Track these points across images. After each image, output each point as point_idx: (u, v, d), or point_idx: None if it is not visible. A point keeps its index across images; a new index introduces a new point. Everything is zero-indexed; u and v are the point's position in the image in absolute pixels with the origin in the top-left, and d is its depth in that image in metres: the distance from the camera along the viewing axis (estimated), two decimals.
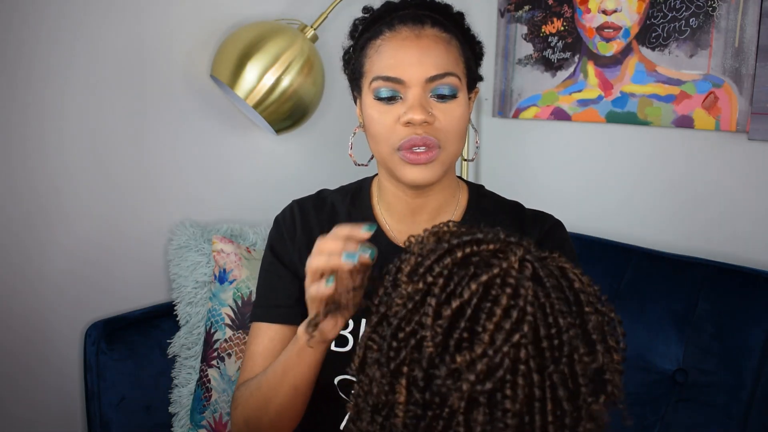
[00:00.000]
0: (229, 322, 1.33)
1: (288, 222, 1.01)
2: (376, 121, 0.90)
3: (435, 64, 0.87)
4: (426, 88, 0.87)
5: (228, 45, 1.38)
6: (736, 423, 1.15)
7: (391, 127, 0.88)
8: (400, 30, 0.89)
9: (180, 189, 1.47)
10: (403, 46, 0.88)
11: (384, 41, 0.90)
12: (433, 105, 0.88)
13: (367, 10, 0.97)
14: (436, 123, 0.88)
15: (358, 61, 0.94)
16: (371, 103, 0.90)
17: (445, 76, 0.87)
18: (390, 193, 0.97)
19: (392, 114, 0.88)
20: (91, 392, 1.32)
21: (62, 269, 1.32)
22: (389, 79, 0.87)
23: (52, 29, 1.25)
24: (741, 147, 1.35)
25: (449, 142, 0.89)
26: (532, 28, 1.67)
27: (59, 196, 1.30)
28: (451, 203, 0.99)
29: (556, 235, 0.97)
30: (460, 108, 0.89)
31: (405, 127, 0.87)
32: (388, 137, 0.89)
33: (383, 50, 0.89)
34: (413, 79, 0.87)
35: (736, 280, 1.24)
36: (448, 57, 0.89)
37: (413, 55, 0.87)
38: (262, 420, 0.91)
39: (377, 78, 0.89)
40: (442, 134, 0.88)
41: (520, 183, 1.74)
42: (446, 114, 0.88)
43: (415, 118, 0.85)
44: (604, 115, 1.55)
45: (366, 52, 0.92)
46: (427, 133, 0.87)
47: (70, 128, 1.30)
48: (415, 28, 0.89)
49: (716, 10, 1.34)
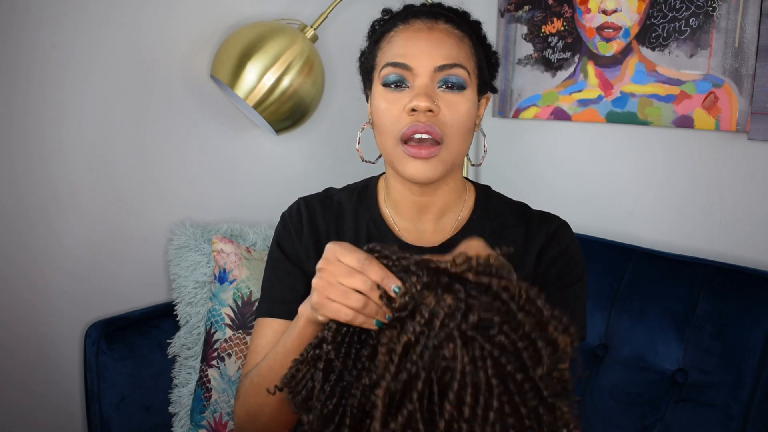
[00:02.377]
0: (229, 322, 1.33)
1: (295, 218, 1.01)
2: (382, 111, 0.90)
3: (445, 55, 0.87)
4: (434, 78, 0.88)
5: (228, 45, 1.38)
6: (736, 423, 1.15)
7: (396, 117, 0.88)
8: (413, 22, 0.90)
9: (180, 189, 1.47)
10: (414, 36, 0.89)
11: (397, 32, 0.91)
12: (440, 96, 0.88)
13: (386, 12, 0.98)
14: (441, 115, 0.88)
15: (372, 54, 0.95)
16: (380, 92, 0.91)
17: (454, 66, 0.88)
18: (396, 192, 0.98)
19: (399, 103, 0.88)
20: (91, 392, 1.32)
21: (62, 269, 1.32)
22: (398, 65, 0.88)
23: (52, 29, 1.25)
24: (741, 147, 1.35)
25: (452, 138, 0.89)
26: (532, 28, 1.67)
27: (59, 196, 1.30)
28: (458, 203, 0.99)
29: (562, 236, 0.98)
30: (467, 103, 0.89)
31: (409, 115, 0.87)
32: (392, 127, 0.89)
33: (395, 40, 0.90)
34: (421, 67, 0.87)
35: (736, 280, 1.24)
36: (459, 50, 0.89)
37: (424, 45, 0.88)
38: (264, 411, 0.90)
39: (386, 65, 0.89)
40: (446, 127, 0.88)
41: (520, 183, 1.74)
42: (452, 107, 0.88)
43: (420, 105, 0.85)
44: (604, 115, 1.55)
45: (379, 44, 0.93)
46: (430, 122, 0.87)
47: (69, 128, 1.30)
48: (429, 22, 0.90)
49: (716, 10, 1.34)
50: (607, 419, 1.28)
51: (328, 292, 0.72)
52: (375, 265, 0.70)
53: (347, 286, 0.71)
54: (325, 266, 0.73)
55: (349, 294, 0.70)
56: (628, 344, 1.30)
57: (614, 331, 1.33)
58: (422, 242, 0.98)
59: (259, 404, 0.90)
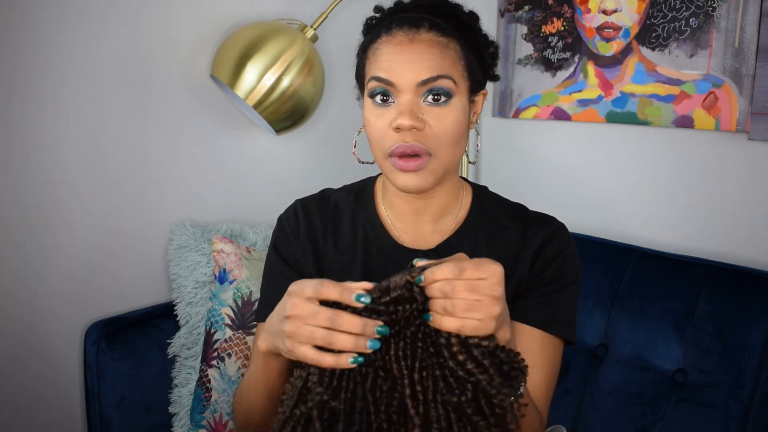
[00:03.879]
0: (229, 322, 1.33)
1: (292, 221, 1.01)
2: (371, 125, 0.89)
3: (427, 67, 0.86)
4: (418, 92, 0.86)
5: (228, 45, 1.38)
6: (736, 423, 1.15)
7: (383, 132, 0.88)
8: (396, 34, 0.88)
9: (180, 189, 1.47)
10: (396, 50, 0.87)
11: (380, 44, 0.89)
12: (425, 110, 0.87)
13: (378, 9, 0.96)
14: (427, 129, 0.86)
15: (361, 63, 0.94)
16: (368, 105, 0.90)
17: (438, 78, 0.86)
18: (393, 193, 0.97)
19: (385, 118, 0.88)
20: (91, 392, 1.32)
21: (62, 269, 1.32)
22: (381, 80, 0.87)
23: (51, 29, 1.25)
24: (741, 147, 1.35)
25: (441, 149, 0.87)
26: (532, 28, 1.67)
27: (59, 196, 1.30)
28: (455, 205, 0.99)
29: (559, 238, 0.97)
30: (454, 113, 0.87)
31: (395, 132, 0.86)
32: (380, 142, 0.88)
33: (379, 54, 0.89)
34: (404, 83, 0.86)
35: (736, 280, 1.24)
36: (443, 60, 0.87)
37: (405, 59, 0.86)
38: (255, 420, 0.93)
39: (372, 78, 0.89)
40: (433, 141, 0.87)
41: (520, 183, 1.74)
42: (439, 120, 0.87)
43: (403, 124, 0.84)
44: (604, 115, 1.55)
45: (367, 54, 0.92)
46: (416, 140, 0.85)
47: (69, 128, 1.30)
48: (410, 33, 0.88)
49: (716, 10, 1.34)
50: (607, 419, 1.28)
51: (297, 338, 0.70)
52: (328, 285, 0.69)
53: (313, 324, 0.69)
54: (290, 312, 0.71)
55: (315, 332, 0.69)
56: (628, 344, 1.30)
57: (614, 331, 1.33)
58: (419, 244, 0.97)
59: (251, 416, 0.94)
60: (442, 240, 0.97)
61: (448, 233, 0.98)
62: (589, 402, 1.31)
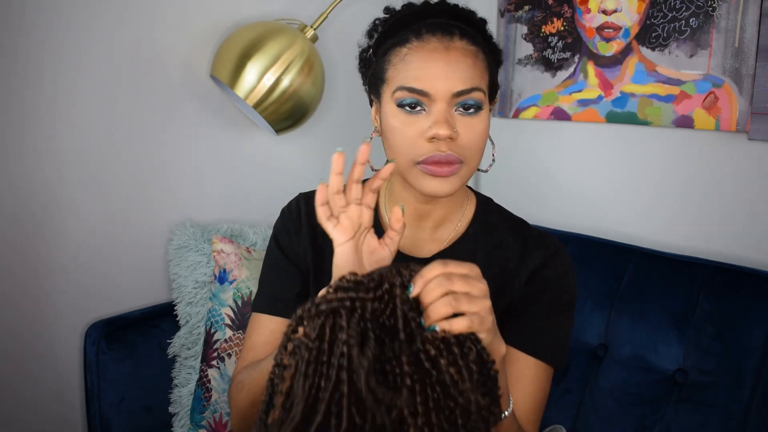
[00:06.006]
0: (229, 323, 1.33)
1: (294, 214, 1.01)
2: (397, 132, 0.87)
3: (462, 78, 0.84)
4: (451, 102, 0.85)
5: (228, 45, 1.38)
6: (736, 423, 1.15)
7: (413, 141, 0.86)
8: (429, 40, 0.86)
9: (180, 189, 1.47)
10: (431, 57, 0.85)
11: (411, 50, 0.86)
12: (457, 119, 0.86)
13: (388, 10, 0.95)
14: (460, 139, 0.85)
15: (380, 66, 0.90)
16: (393, 111, 0.87)
17: (472, 91, 0.85)
18: (398, 197, 0.96)
19: (415, 127, 0.85)
20: (91, 392, 1.32)
21: (62, 269, 1.32)
22: (414, 90, 0.85)
23: (50, 30, 1.25)
24: (741, 147, 1.35)
25: (471, 157, 0.87)
26: (532, 28, 1.67)
27: (59, 196, 1.30)
28: (457, 213, 0.98)
29: (561, 261, 0.96)
30: (483, 123, 0.87)
31: (429, 142, 0.85)
32: (409, 151, 0.86)
33: (410, 60, 0.86)
34: (439, 93, 0.84)
35: (736, 280, 1.24)
36: (475, 71, 0.86)
37: (441, 69, 0.84)
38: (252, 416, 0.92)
39: (402, 88, 0.86)
40: (465, 150, 0.86)
41: (520, 183, 1.74)
42: (470, 129, 0.86)
43: (440, 134, 0.83)
44: (604, 115, 1.55)
45: (389, 58, 0.89)
46: (450, 149, 0.85)
47: (69, 128, 1.30)
48: (444, 40, 0.86)
49: (716, 10, 1.34)
50: (607, 419, 1.28)
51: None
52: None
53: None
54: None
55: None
56: (628, 344, 1.30)
57: (614, 331, 1.33)
58: (416, 251, 0.97)
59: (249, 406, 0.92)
60: (440, 249, 0.96)
61: (446, 243, 0.97)
62: (589, 402, 1.31)
